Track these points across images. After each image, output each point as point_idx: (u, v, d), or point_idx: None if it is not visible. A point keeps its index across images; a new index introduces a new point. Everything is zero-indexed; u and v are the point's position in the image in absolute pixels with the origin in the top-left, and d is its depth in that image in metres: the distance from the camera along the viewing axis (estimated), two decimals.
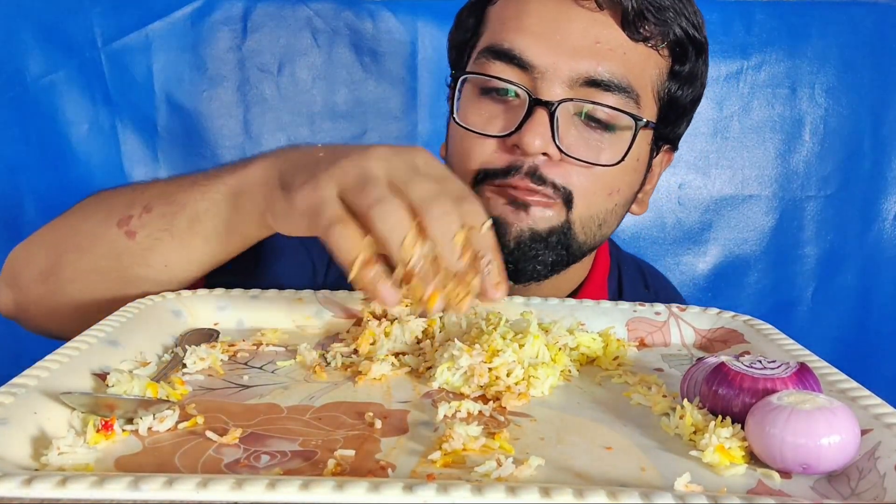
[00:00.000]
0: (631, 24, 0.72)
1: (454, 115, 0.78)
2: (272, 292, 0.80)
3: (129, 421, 0.53)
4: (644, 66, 0.75)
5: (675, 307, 0.80)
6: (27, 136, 1.37)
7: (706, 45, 0.79)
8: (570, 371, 0.67)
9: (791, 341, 0.70)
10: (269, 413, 0.57)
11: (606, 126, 0.74)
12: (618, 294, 0.94)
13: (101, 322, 0.66)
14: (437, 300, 0.54)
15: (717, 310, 0.80)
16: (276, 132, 1.43)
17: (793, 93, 1.43)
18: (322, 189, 0.55)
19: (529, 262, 0.76)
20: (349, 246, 0.52)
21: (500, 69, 0.74)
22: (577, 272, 0.86)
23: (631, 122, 0.74)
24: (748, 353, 0.70)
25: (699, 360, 0.59)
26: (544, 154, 0.73)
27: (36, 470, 0.46)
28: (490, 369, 0.62)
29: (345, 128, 1.43)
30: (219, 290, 0.79)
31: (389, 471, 0.47)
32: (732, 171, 1.45)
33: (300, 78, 1.42)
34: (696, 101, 0.82)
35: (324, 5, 1.39)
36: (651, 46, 0.74)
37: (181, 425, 0.53)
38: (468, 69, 0.79)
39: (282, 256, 0.88)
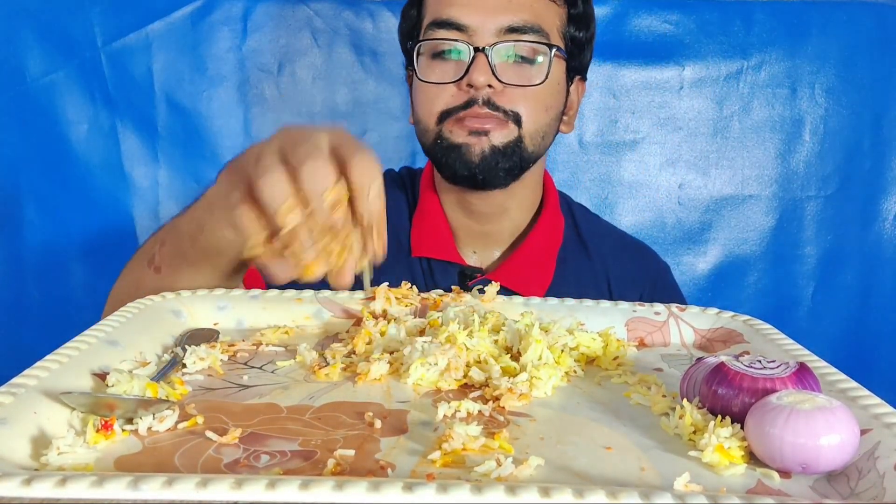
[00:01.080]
0: None
1: (418, 77, 0.98)
2: (272, 292, 0.81)
3: (129, 421, 0.53)
4: (547, 13, 0.97)
5: (674, 307, 0.80)
6: (27, 136, 1.37)
7: None
8: (574, 371, 0.67)
9: (791, 341, 0.70)
10: (268, 413, 0.57)
11: (530, 60, 0.96)
12: (570, 216, 1.13)
13: (101, 322, 0.67)
14: (318, 263, 0.58)
15: (717, 310, 0.80)
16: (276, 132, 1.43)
17: (793, 93, 1.43)
18: (234, 179, 0.64)
19: (491, 170, 0.96)
20: (247, 226, 0.60)
21: (444, 34, 0.96)
22: (533, 195, 1.08)
23: (546, 49, 0.97)
24: (748, 353, 0.70)
25: (699, 359, 0.59)
26: (489, 87, 0.94)
27: (36, 470, 0.46)
28: (467, 364, 0.63)
29: (345, 128, 1.43)
30: (219, 291, 0.80)
31: (389, 471, 0.48)
32: (732, 171, 1.45)
33: (300, 78, 1.42)
34: (591, 38, 1.05)
35: (324, 5, 1.39)
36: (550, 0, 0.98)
37: (181, 425, 0.53)
38: (420, 40, 0.99)
39: None
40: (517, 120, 0.96)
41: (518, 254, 1.06)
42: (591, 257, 1.10)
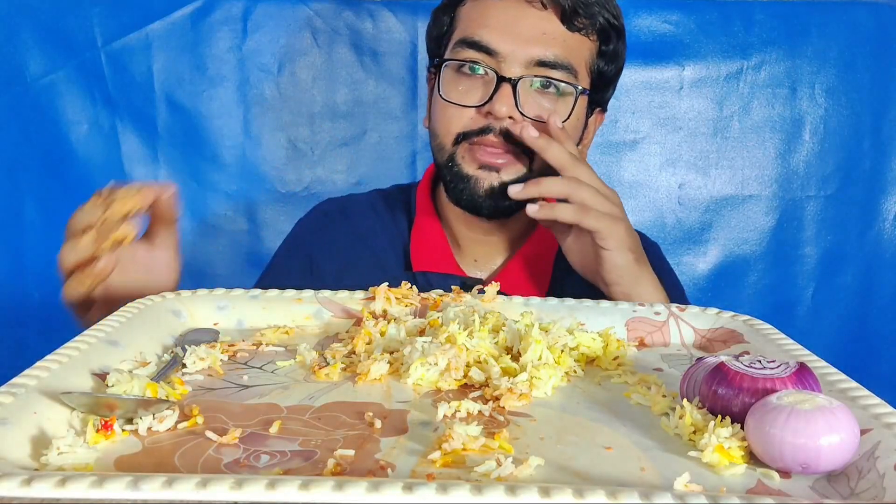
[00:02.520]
0: (568, 19, 0.94)
1: (440, 93, 0.98)
2: (272, 292, 0.81)
3: (129, 421, 0.53)
4: (579, 49, 0.97)
5: (674, 307, 0.80)
6: (27, 136, 1.37)
7: (624, 30, 1.01)
8: (574, 371, 0.67)
9: (791, 341, 0.70)
10: (269, 413, 0.57)
11: (555, 95, 0.96)
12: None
13: (101, 322, 0.66)
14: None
15: (717, 310, 0.80)
16: (276, 132, 1.43)
17: (793, 93, 1.43)
18: None
19: (496, 206, 0.97)
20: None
21: (472, 55, 0.95)
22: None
23: (573, 89, 0.96)
24: (748, 353, 0.69)
25: (699, 359, 0.59)
26: (510, 118, 0.93)
27: (36, 470, 0.46)
28: (467, 364, 0.63)
29: (345, 128, 1.43)
30: (219, 290, 0.80)
31: (389, 470, 0.47)
32: (732, 171, 1.45)
33: (300, 78, 1.42)
34: (618, 72, 1.04)
35: (324, 5, 1.39)
36: (583, 34, 0.96)
37: (181, 425, 0.53)
38: (446, 56, 0.99)
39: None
40: (530, 154, 0.95)
41: (515, 261, 1.06)
42: None
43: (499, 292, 0.80)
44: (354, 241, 1.09)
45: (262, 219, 1.44)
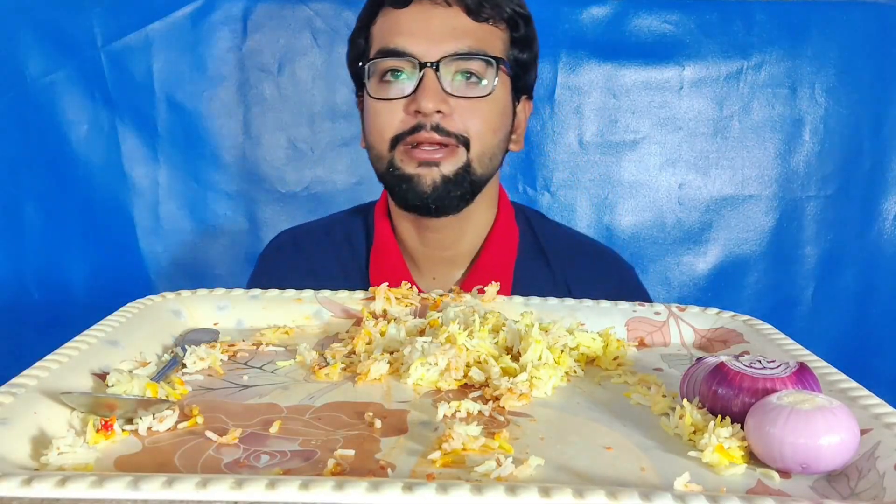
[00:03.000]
0: (474, 12, 0.97)
1: (369, 93, 0.99)
2: (272, 292, 0.81)
3: (129, 421, 0.53)
4: (490, 38, 0.99)
5: (674, 307, 0.80)
6: (27, 136, 1.37)
7: (531, 16, 1.04)
8: (574, 371, 0.67)
9: (791, 341, 0.70)
10: (269, 413, 0.57)
11: (477, 78, 0.97)
12: (527, 226, 1.13)
13: (101, 322, 0.67)
14: None
15: (717, 310, 0.80)
16: (276, 132, 1.43)
17: (793, 93, 1.43)
18: None
19: (443, 199, 0.97)
20: None
21: (390, 63, 0.97)
22: (487, 214, 1.08)
23: (491, 65, 0.98)
24: (748, 353, 0.69)
25: (699, 359, 0.59)
26: (439, 112, 0.94)
27: (36, 470, 0.46)
28: (467, 364, 0.63)
29: (345, 128, 1.43)
30: (219, 290, 0.80)
31: (389, 470, 0.48)
32: (732, 171, 1.45)
33: (300, 78, 1.42)
34: (535, 58, 1.06)
35: (324, 5, 1.39)
36: (492, 24, 0.99)
37: (181, 425, 0.53)
38: (369, 73, 1.00)
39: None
40: (465, 143, 0.96)
41: (472, 274, 1.05)
42: (551, 265, 1.08)
43: None
44: (305, 276, 1.08)
45: (262, 219, 1.44)
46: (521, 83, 1.05)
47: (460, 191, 0.97)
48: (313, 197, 1.43)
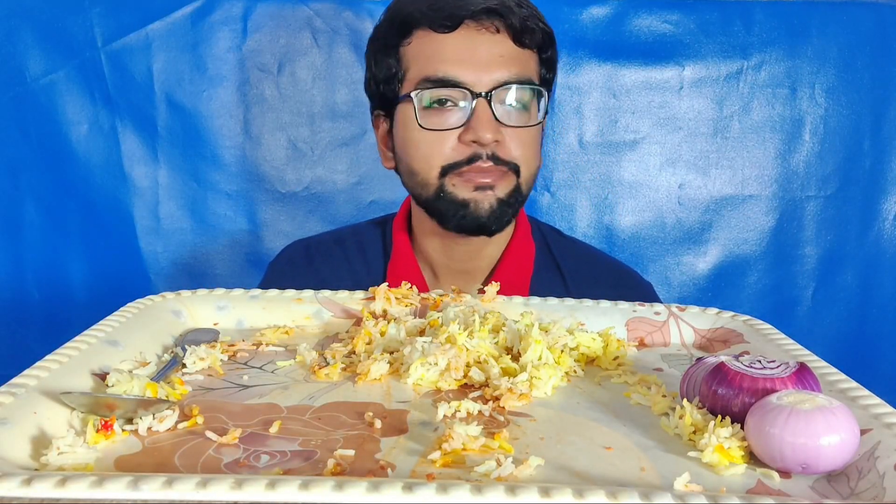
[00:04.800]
0: (519, 38, 0.97)
1: (420, 123, 0.97)
2: (272, 292, 0.81)
3: (129, 421, 0.53)
4: (529, 63, 1.00)
5: (674, 307, 0.80)
6: (27, 136, 1.37)
7: (554, 37, 1.05)
8: (574, 371, 0.67)
9: (791, 341, 0.70)
10: (269, 413, 0.57)
11: (527, 106, 0.99)
12: (543, 242, 1.14)
13: (101, 322, 0.67)
14: None
15: (717, 310, 0.80)
16: (276, 132, 1.43)
17: (793, 93, 1.42)
18: None
19: (500, 220, 0.99)
20: None
21: (439, 93, 0.96)
22: (508, 227, 1.08)
23: (537, 94, 1.00)
24: (748, 353, 0.69)
25: (699, 359, 0.59)
26: (496, 141, 0.95)
27: (36, 470, 0.46)
28: (467, 364, 0.63)
29: (345, 128, 1.43)
30: (219, 290, 0.80)
31: (389, 470, 0.48)
32: (732, 171, 1.45)
33: (300, 78, 1.42)
34: (554, 76, 1.08)
35: (324, 5, 1.39)
36: (530, 48, 1.00)
37: (181, 425, 0.53)
38: (412, 98, 0.98)
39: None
40: (516, 169, 0.98)
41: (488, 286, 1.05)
42: (567, 282, 1.09)
43: None
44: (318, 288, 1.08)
45: (262, 219, 1.44)
46: (546, 102, 1.06)
47: (512, 211, 1.00)
48: (313, 197, 1.44)
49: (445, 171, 0.97)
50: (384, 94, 1.03)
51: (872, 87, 1.42)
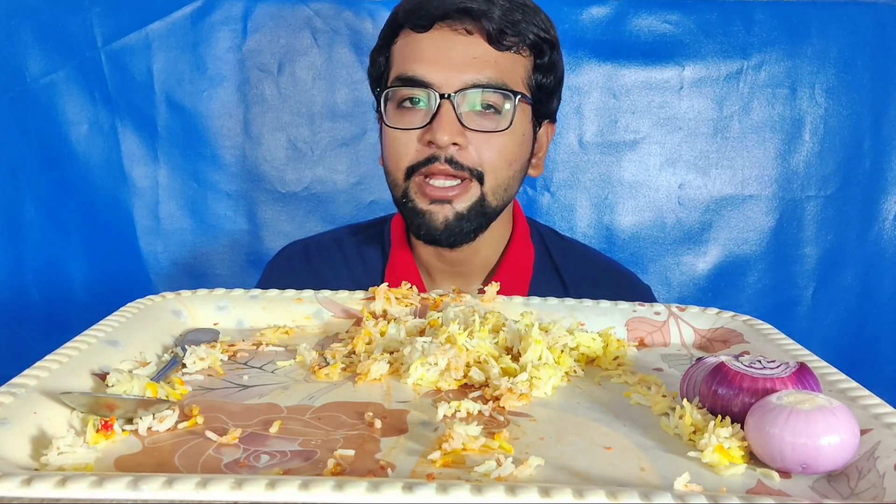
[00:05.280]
0: (495, 40, 0.94)
1: (385, 122, 0.98)
2: (273, 292, 0.81)
3: (129, 421, 0.53)
4: (512, 67, 0.96)
5: (674, 307, 0.80)
6: (27, 136, 1.37)
7: (557, 41, 1.01)
8: (574, 371, 0.67)
9: (791, 341, 0.70)
10: (269, 413, 0.57)
11: (497, 109, 0.95)
12: (542, 244, 1.12)
13: (101, 322, 0.67)
14: None
15: (717, 310, 0.80)
16: (276, 132, 1.43)
17: (793, 93, 1.42)
18: None
19: (455, 234, 0.97)
20: None
21: (407, 92, 0.95)
22: (503, 230, 1.06)
23: (511, 106, 0.95)
24: (748, 353, 0.69)
25: (699, 359, 0.59)
26: (455, 144, 0.93)
27: (36, 470, 0.46)
28: (467, 364, 0.63)
29: (345, 128, 1.43)
30: (219, 290, 0.80)
31: (389, 470, 0.48)
32: (732, 171, 1.45)
33: (300, 78, 1.42)
34: (559, 83, 1.04)
35: (324, 5, 1.39)
36: (514, 52, 0.96)
37: (181, 425, 0.53)
38: (387, 95, 0.99)
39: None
40: (479, 177, 0.95)
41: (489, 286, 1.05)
42: (566, 284, 1.08)
43: None
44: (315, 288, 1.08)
45: (262, 219, 1.44)
46: (544, 109, 1.03)
47: (473, 225, 0.97)
48: (313, 197, 1.44)
49: (409, 172, 0.96)
50: (376, 93, 1.03)
51: (872, 87, 1.42)
